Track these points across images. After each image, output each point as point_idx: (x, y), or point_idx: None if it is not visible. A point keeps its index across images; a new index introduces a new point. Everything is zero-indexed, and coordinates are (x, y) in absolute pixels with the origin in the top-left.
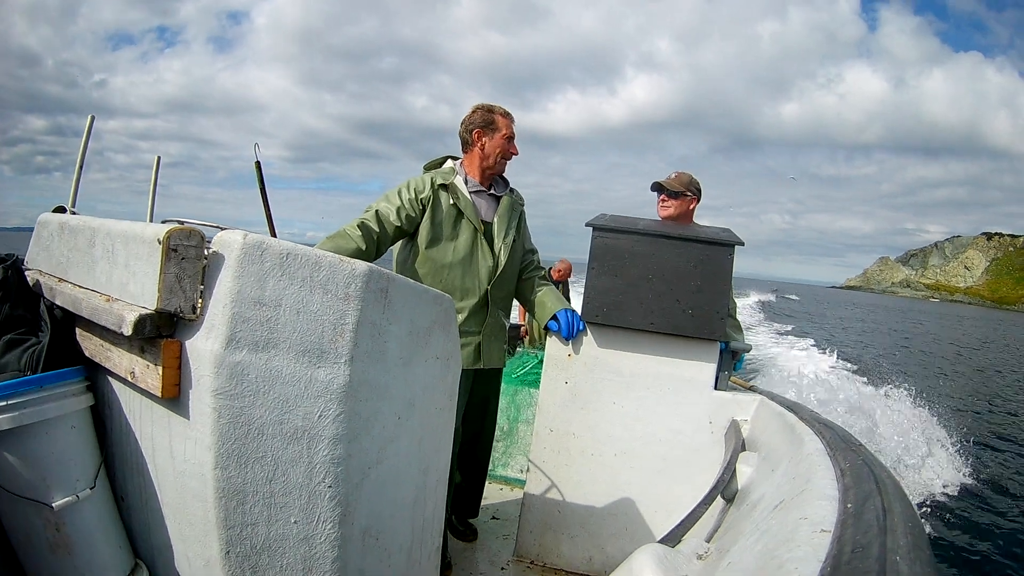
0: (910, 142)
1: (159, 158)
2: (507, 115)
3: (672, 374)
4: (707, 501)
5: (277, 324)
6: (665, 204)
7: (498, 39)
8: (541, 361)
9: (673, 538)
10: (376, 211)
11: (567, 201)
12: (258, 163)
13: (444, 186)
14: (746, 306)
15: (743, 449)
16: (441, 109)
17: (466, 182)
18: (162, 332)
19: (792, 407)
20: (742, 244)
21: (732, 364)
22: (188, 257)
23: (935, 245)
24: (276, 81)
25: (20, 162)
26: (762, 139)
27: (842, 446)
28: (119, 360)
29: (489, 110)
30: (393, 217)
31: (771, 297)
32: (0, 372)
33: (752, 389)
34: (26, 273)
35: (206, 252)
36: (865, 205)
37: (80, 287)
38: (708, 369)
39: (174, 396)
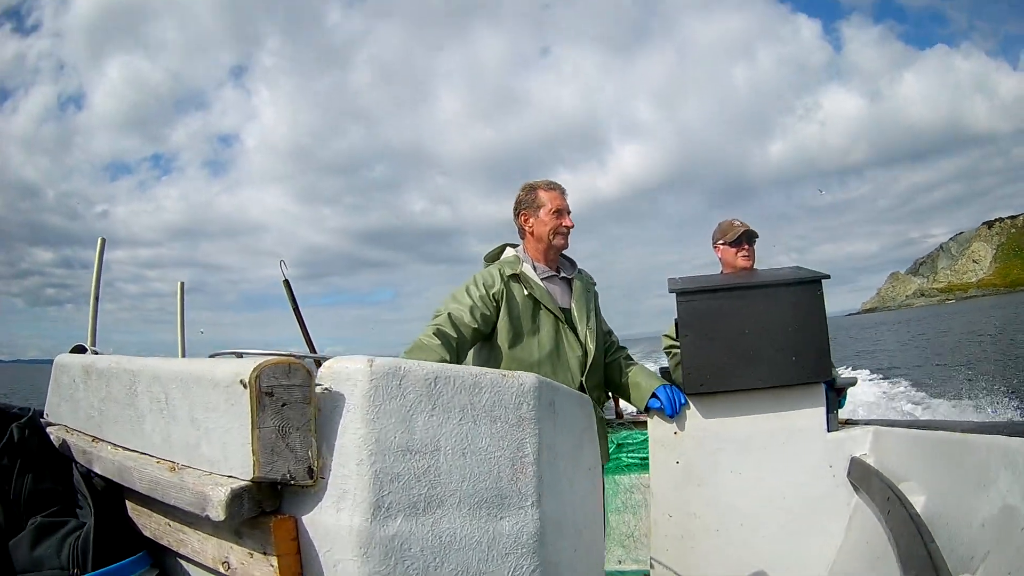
0: (896, 152)
1: (182, 284)
2: (551, 187)
3: (785, 427)
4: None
5: (439, 474)
6: (748, 254)
7: (485, 131)
8: (618, 444)
9: None
10: (448, 314)
11: None
12: (286, 280)
13: (514, 276)
14: None
15: (872, 479)
16: (440, 210)
17: (534, 268)
18: (265, 508)
19: (909, 425)
20: (828, 277)
21: (837, 401)
22: (292, 402)
23: (940, 247)
24: (273, 200)
25: (31, 295)
26: (755, 184)
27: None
28: (201, 547)
29: (531, 188)
30: (468, 318)
31: None
32: (37, 570)
33: (849, 423)
34: (48, 431)
35: (316, 391)
36: (867, 226)
37: (125, 449)
38: (819, 413)
39: None
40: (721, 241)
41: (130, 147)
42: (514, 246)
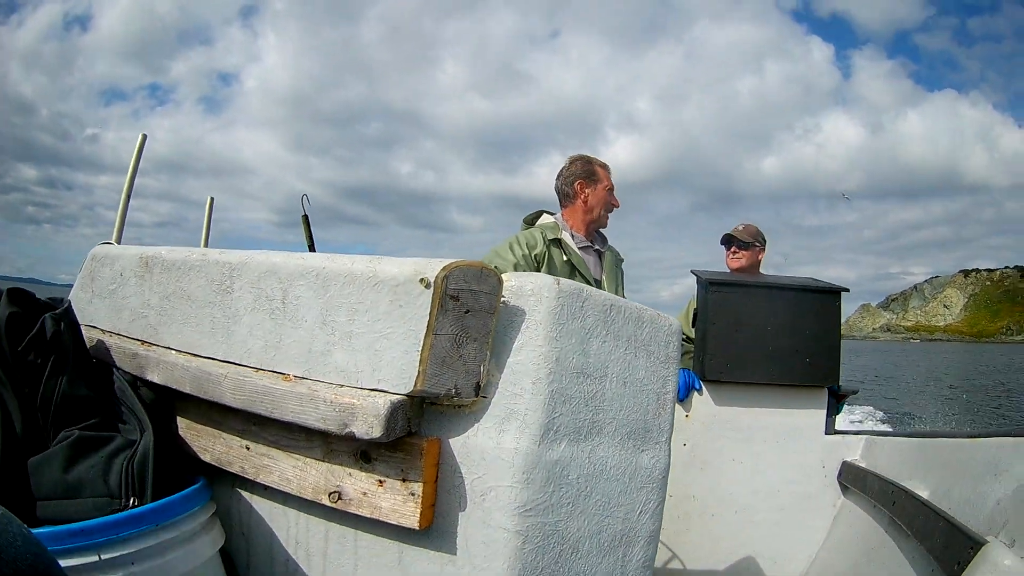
0: (889, 187)
1: (212, 199)
2: (605, 166)
3: (787, 424)
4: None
5: (603, 401)
6: (736, 256)
7: (482, 104)
8: None
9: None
10: (494, 267)
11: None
12: (305, 216)
13: (555, 241)
14: None
15: (866, 478)
16: (426, 175)
17: (572, 237)
18: (411, 427)
19: (901, 435)
20: (847, 291)
21: (836, 407)
22: (476, 309)
23: (915, 287)
24: (264, 144)
25: (11, 210)
26: (744, 194)
27: None
28: (298, 475)
29: (588, 161)
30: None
31: None
32: (73, 496)
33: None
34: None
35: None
36: (849, 253)
37: (195, 356)
38: (819, 415)
39: (429, 524)
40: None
41: (129, 74)
42: (551, 213)
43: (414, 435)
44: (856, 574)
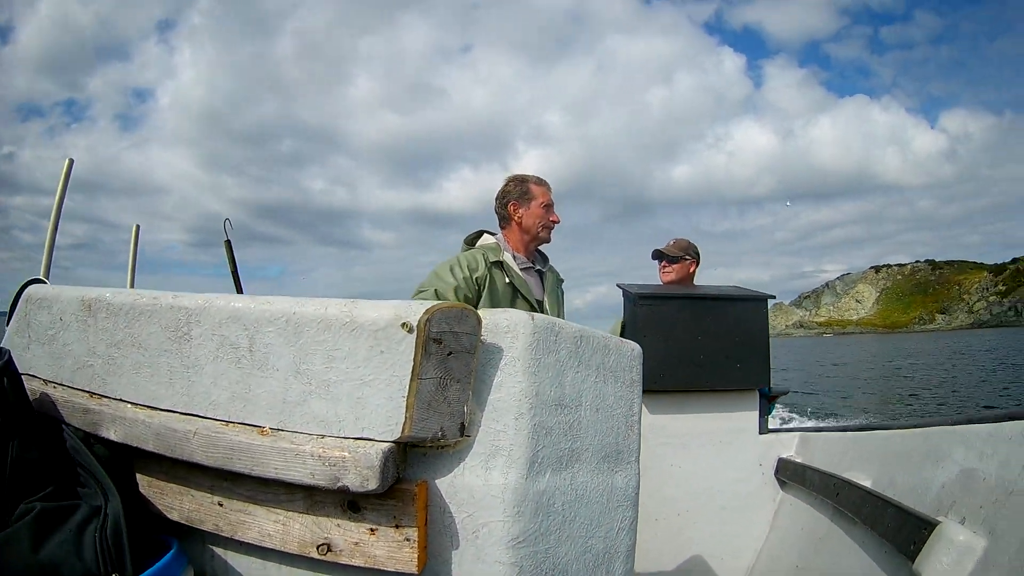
0: (802, 190)
1: (138, 227)
2: (541, 182)
3: (722, 427)
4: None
5: (580, 429)
6: (667, 270)
7: (395, 119)
8: None
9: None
10: (435, 291)
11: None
12: (228, 241)
13: (497, 263)
14: None
15: (804, 472)
16: (338, 191)
17: (514, 258)
18: (399, 473)
19: (835, 429)
20: (773, 297)
21: (768, 407)
22: (458, 351)
23: (827, 285)
24: (179, 163)
25: None
26: (654, 202)
27: None
28: (279, 529)
29: (522, 180)
30: (452, 298)
31: None
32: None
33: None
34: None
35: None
36: (761, 255)
37: (156, 409)
38: (753, 417)
39: (424, 566)
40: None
41: (46, 89)
42: (491, 233)
43: (402, 480)
44: (806, 563)
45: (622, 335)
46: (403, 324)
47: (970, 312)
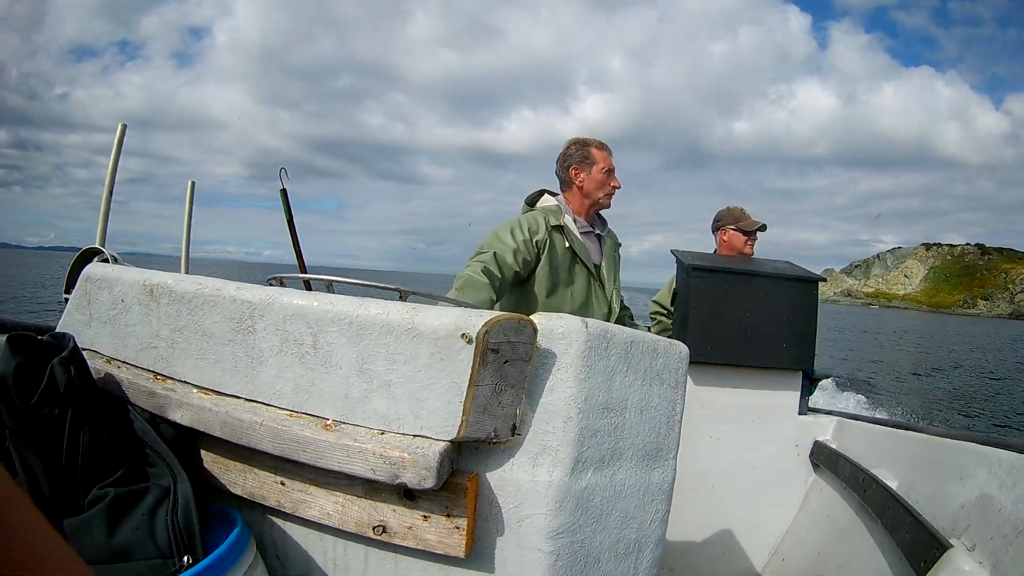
0: (861, 155)
1: (193, 183)
2: (603, 147)
3: (763, 404)
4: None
5: (624, 431)
6: (753, 243)
7: (452, 57)
8: None
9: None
10: (494, 253)
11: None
12: (284, 190)
13: (557, 227)
14: None
15: (837, 461)
16: (396, 127)
17: (575, 222)
18: (454, 467)
19: (871, 421)
20: (824, 280)
21: (809, 389)
22: (514, 359)
23: (878, 256)
24: (235, 99)
25: None
26: (713, 155)
27: None
28: (339, 510)
29: (584, 144)
30: (511, 260)
31: None
32: (123, 559)
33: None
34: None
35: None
36: (818, 217)
37: (221, 394)
38: (793, 396)
39: (470, 550)
40: (732, 226)
41: (100, 30)
42: (552, 193)
43: (456, 473)
44: (827, 550)
45: (672, 302)
46: (463, 335)
47: (1011, 302)
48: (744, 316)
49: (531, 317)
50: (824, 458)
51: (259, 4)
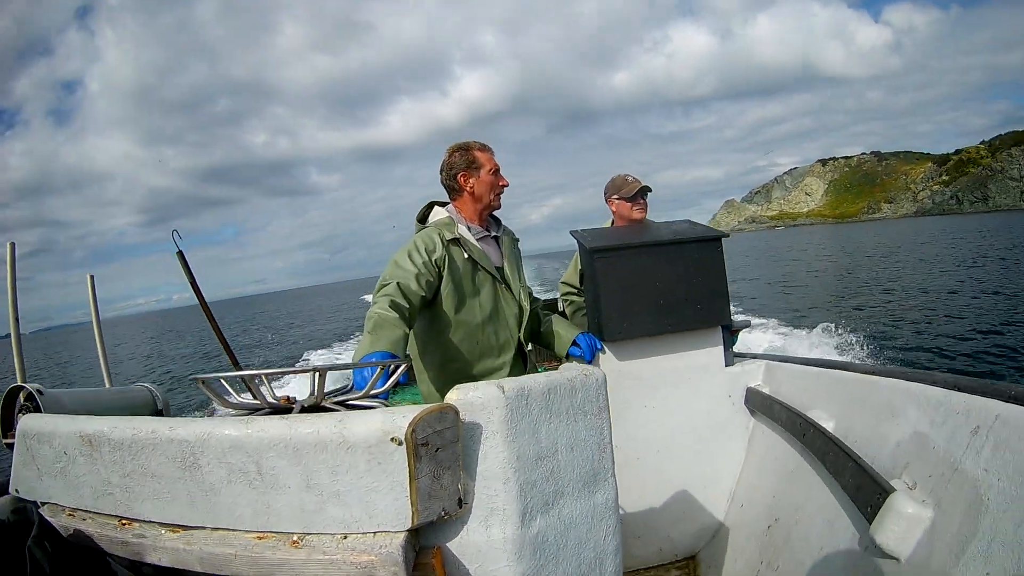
0: (745, 87)
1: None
2: (484, 148)
3: (689, 365)
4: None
5: (560, 471)
6: (641, 207)
7: (325, 60)
8: None
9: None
10: (397, 283)
11: (418, 208)
12: (180, 252)
13: (454, 240)
14: None
15: (772, 406)
16: (280, 141)
17: (469, 229)
18: (415, 548)
19: (797, 361)
20: (727, 236)
21: (731, 340)
22: (444, 445)
23: (776, 179)
24: (117, 145)
25: None
26: (598, 110)
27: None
28: None
29: (466, 148)
30: (415, 286)
31: None
32: None
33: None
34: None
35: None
36: (712, 153)
37: (188, 528)
38: (717, 352)
39: None
40: (616, 196)
41: None
42: (441, 204)
43: (421, 552)
44: (780, 492)
45: (581, 281)
46: (392, 439)
47: (915, 201)
48: (654, 286)
49: (450, 399)
50: (759, 404)
51: (127, 44)
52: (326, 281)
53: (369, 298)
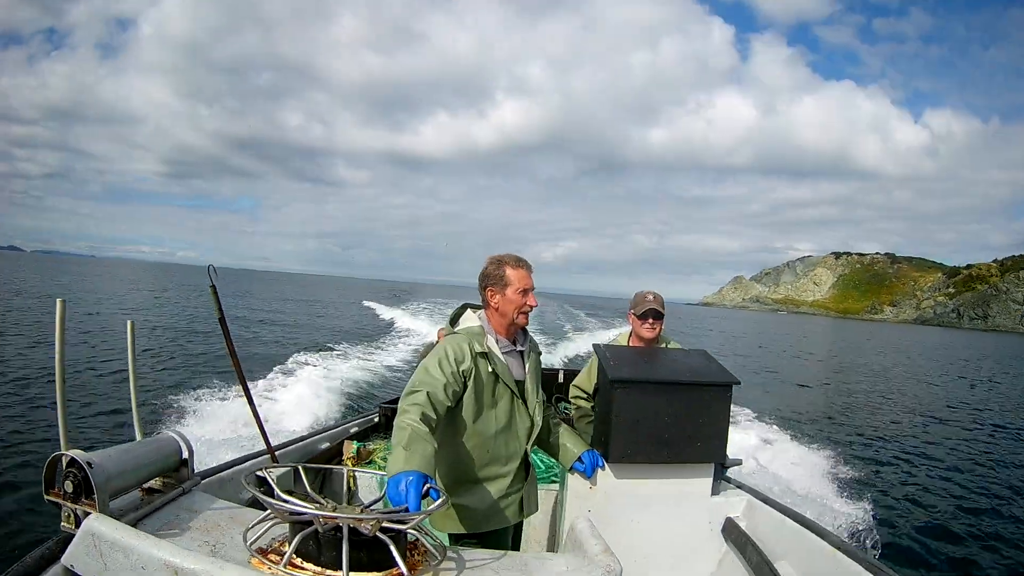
0: (778, 164)
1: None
2: (519, 265)
3: (680, 490)
4: None
5: None
6: (654, 326)
7: (374, 59)
8: None
9: None
10: (427, 394)
11: (437, 222)
12: (213, 287)
13: (482, 353)
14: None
15: (746, 545)
16: (315, 128)
17: (497, 342)
18: None
19: (767, 500)
20: (739, 383)
21: (721, 472)
22: None
23: (787, 264)
24: (156, 91)
25: None
26: (629, 163)
27: None
28: None
29: (498, 263)
30: (443, 396)
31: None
32: None
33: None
34: None
35: None
36: (733, 224)
37: None
38: (706, 483)
39: None
40: (632, 311)
41: (27, 16)
42: (474, 307)
43: None
44: None
45: (593, 394)
46: None
47: (917, 308)
48: (663, 421)
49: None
50: (735, 537)
51: None
52: (332, 273)
53: (372, 305)
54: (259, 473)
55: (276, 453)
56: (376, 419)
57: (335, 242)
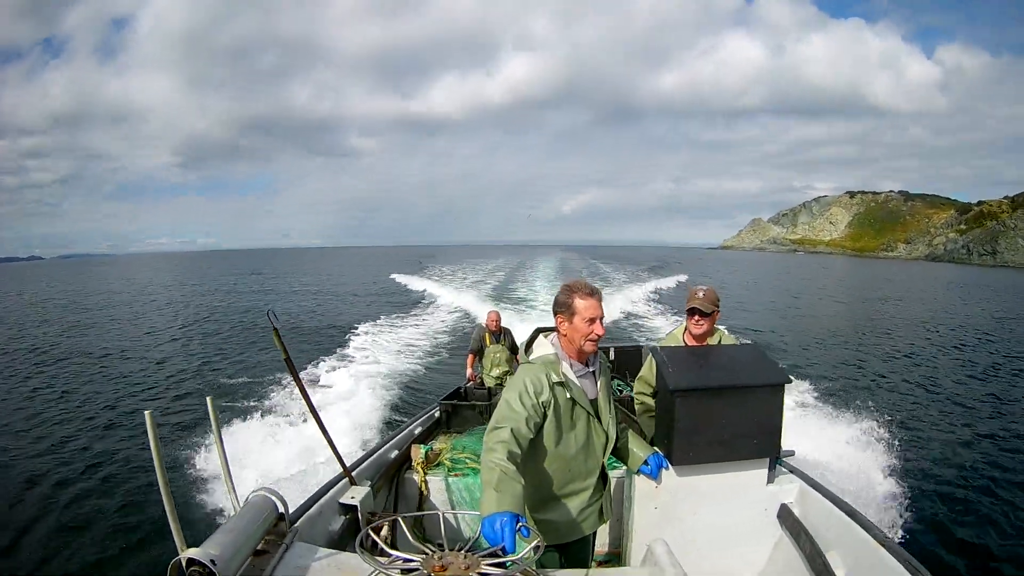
0: (791, 104)
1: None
2: (589, 295)
3: (737, 482)
4: None
5: None
6: (700, 323)
7: (377, 28)
8: None
9: None
10: (511, 430)
11: (454, 182)
12: (276, 330)
13: (559, 383)
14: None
15: (800, 533)
16: (323, 101)
17: (571, 366)
18: None
19: (818, 487)
20: (790, 382)
21: (775, 462)
22: None
23: (803, 205)
24: (160, 85)
25: None
26: (642, 109)
27: None
28: None
29: (568, 291)
30: (526, 430)
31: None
32: None
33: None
34: None
35: None
36: (752, 166)
37: None
38: (762, 473)
39: None
40: (687, 306)
41: (24, 31)
42: (545, 332)
43: None
44: None
45: (655, 395)
46: None
47: (929, 245)
48: (721, 424)
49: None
50: (790, 523)
51: None
52: (355, 244)
53: (398, 278)
54: (342, 501)
55: (352, 474)
56: (437, 414)
57: (353, 214)
